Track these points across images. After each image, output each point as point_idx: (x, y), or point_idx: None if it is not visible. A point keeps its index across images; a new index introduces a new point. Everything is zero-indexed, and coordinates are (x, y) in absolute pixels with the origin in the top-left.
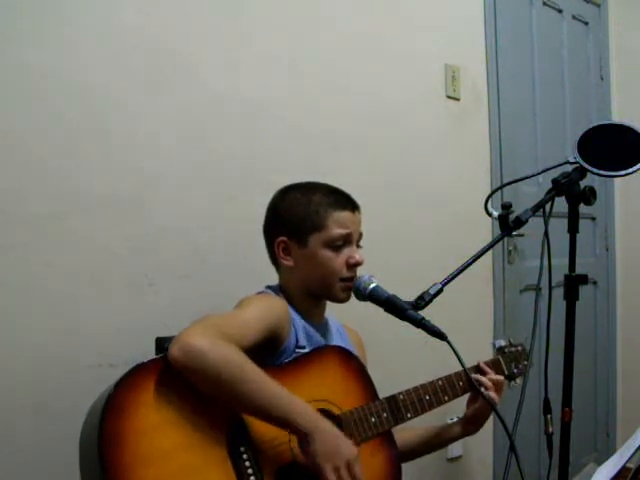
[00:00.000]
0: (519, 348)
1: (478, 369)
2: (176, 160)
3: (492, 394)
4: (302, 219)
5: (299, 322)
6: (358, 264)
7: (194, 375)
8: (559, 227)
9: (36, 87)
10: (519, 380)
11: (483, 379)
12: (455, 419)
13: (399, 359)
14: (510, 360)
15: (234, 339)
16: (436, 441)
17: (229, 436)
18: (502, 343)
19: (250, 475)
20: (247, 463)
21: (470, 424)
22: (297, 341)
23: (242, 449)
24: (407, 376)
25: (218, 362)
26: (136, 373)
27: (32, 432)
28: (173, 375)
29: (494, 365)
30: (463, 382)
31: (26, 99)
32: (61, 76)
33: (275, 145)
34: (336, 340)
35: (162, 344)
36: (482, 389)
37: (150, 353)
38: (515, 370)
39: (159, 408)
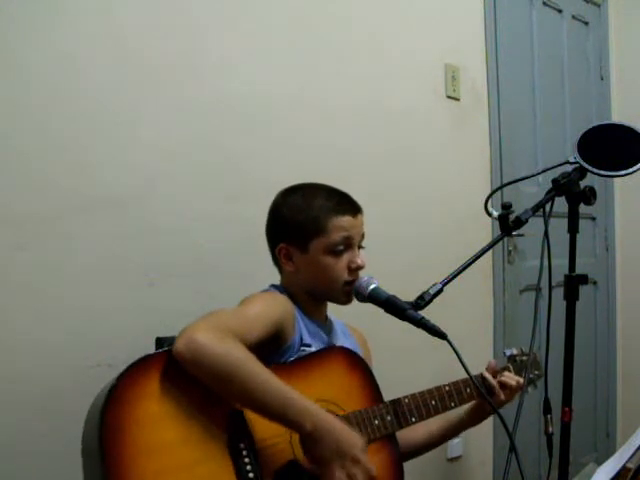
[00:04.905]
0: (530, 357)
1: (483, 378)
2: (176, 160)
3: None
4: (302, 225)
5: (303, 320)
6: (360, 268)
7: (198, 370)
8: (559, 227)
9: (36, 87)
10: (530, 389)
11: (493, 382)
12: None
13: (403, 362)
14: (520, 369)
15: (239, 335)
16: (442, 439)
17: (229, 431)
18: (513, 351)
19: (249, 471)
20: (246, 459)
21: (474, 418)
22: (302, 339)
23: (242, 445)
24: (411, 379)
25: (222, 358)
26: (139, 365)
27: (32, 432)
28: (176, 368)
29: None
30: (470, 389)
31: (26, 99)
32: (61, 76)
33: (275, 145)
34: (340, 340)
35: (162, 344)
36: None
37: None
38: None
39: (161, 400)
